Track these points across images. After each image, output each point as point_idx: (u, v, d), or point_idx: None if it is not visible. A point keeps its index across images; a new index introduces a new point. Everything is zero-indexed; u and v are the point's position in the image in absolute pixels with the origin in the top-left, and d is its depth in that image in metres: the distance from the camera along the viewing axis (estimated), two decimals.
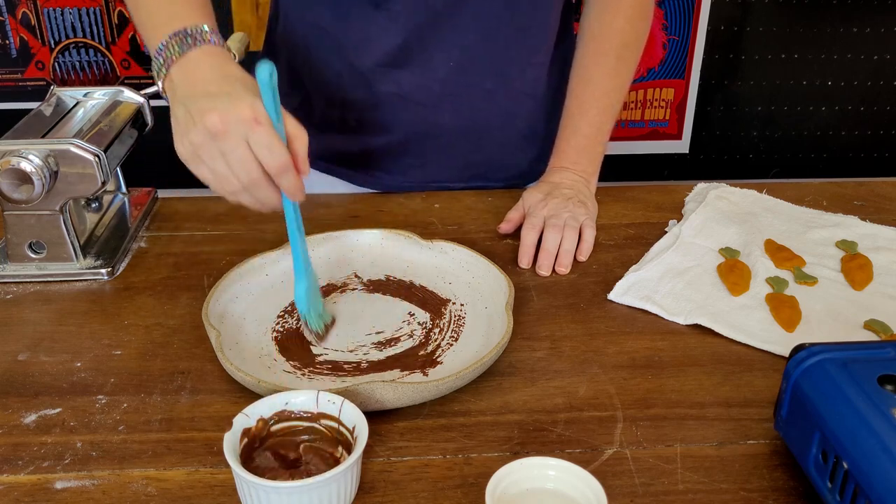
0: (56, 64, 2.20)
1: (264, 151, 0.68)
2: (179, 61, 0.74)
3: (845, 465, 0.53)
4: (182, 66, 0.75)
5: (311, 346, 0.76)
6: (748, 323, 0.79)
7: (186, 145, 0.71)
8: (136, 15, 0.83)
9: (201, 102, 0.70)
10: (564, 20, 1.06)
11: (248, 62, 1.11)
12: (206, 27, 0.76)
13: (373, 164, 1.07)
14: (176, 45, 0.75)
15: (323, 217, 1.00)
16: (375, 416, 0.66)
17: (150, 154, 1.24)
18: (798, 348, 0.61)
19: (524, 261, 0.90)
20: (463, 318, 0.80)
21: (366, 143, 1.06)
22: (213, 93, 0.70)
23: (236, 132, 0.68)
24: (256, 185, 0.70)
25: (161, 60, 0.76)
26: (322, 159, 1.09)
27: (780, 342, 0.76)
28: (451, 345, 0.76)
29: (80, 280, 0.88)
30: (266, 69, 0.67)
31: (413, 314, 0.81)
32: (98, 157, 0.83)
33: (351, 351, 0.75)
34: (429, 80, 0.99)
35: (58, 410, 0.69)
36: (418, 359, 0.74)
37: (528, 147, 1.10)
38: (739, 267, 0.87)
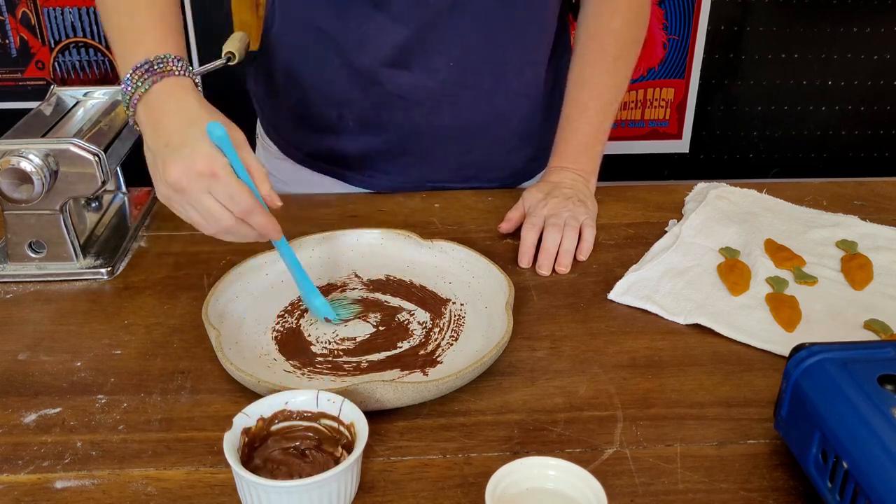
0: (56, 63, 2.20)
1: (228, 201, 0.71)
2: (144, 98, 0.75)
3: (845, 465, 0.53)
4: (146, 104, 0.75)
5: (311, 346, 0.76)
6: (748, 323, 0.79)
7: (160, 193, 0.75)
8: (109, 37, 0.83)
9: (165, 154, 0.72)
10: (561, 19, 1.06)
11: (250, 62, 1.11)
12: (169, 56, 0.76)
13: (369, 163, 1.07)
14: (139, 81, 0.75)
15: (323, 217, 1.00)
16: (375, 416, 0.66)
17: None
18: (798, 348, 0.61)
19: (524, 260, 0.90)
20: (463, 317, 0.80)
21: (363, 143, 1.05)
22: (175, 145, 0.72)
23: (197, 187, 0.71)
24: (233, 229, 0.73)
25: (127, 98, 0.76)
26: (317, 159, 1.09)
27: (780, 342, 0.76)
28: (451, 344, 0.76)
29: (80, 280, 0.88)
30: (216, 133, 0.71)
31: (413, 314, 0.81)
32: (98, 156, 0.83)
33: (349, 351, 0.75)
34: (429, 79, 0.99)
35: (58, 410, 0.69)
36: (418, 358, 0.74)
37: (523, 146, 1.10)
38: (739, 267, 0.87)
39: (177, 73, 0.76)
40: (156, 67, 0.75)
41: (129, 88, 0.76)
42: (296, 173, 1.11)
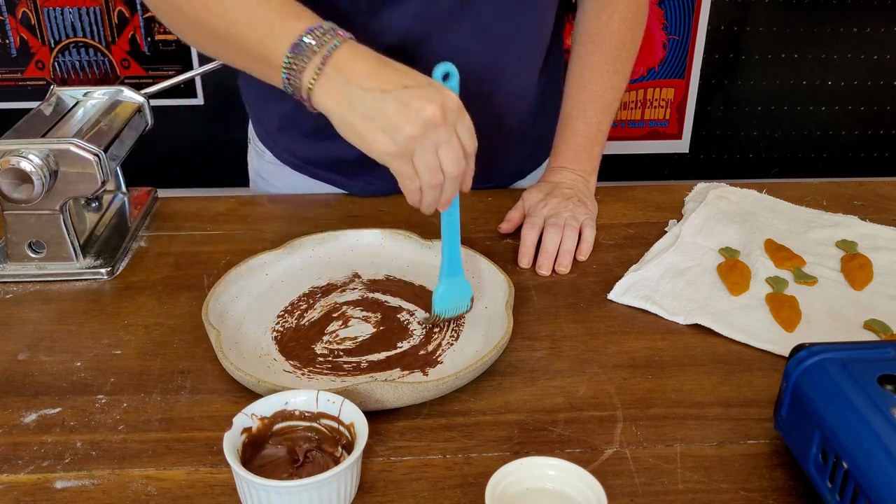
0: (56, 63, 2.20)
1: (467, 136, 0.72)
2: (332, 58, 0.72)
3: (845, 465, 0.53)
4: (337, 63, 0.72)
5: (312, 346, 0.76)
6: (748, 323, 0.79)
7: (400, 140, 0.71)
8: (231, 27, 0.77)
9: (406, 95, 0.70)
10: (557, 20, 1.06)
11: None
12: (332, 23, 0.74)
13: (367, 169, 1.06)
14: (315, 44, 0.72)
15: (323, 217, 1.00)
16: (375, 416, 0.66)
17: (150, 154, 1.23)
18: (798, 348, 0.61)
19: (524, 261, 0.90)
20: (463, 317, 0.80)
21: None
22: (411, 84, 0.71)
23: (451, 122, 0.71)
24: (457, 178, 0.73)
25: (305, 60, 0.72)
26: (313, 165, 1.08)
27: (780, 342, 0.76)
28: (452, 344, 0.76)
29: (80, 280, 0.88)
30: (454, 72, 0.74)
31: (413, 314, 0.81)
32: (98, 156, 0.83)
33: (349, 351, 0.75)
34: None
35: (58, 410, 0.69)
36: (418, 358, 0.74)
37: (518, 147, 1.10)
38: (739, 267, 0.87)
39: (349, 38, 0.74)
40: (332, 29, 0.73)
41: (309, 51, 0.71)
42: (292, 180, 1.10)
